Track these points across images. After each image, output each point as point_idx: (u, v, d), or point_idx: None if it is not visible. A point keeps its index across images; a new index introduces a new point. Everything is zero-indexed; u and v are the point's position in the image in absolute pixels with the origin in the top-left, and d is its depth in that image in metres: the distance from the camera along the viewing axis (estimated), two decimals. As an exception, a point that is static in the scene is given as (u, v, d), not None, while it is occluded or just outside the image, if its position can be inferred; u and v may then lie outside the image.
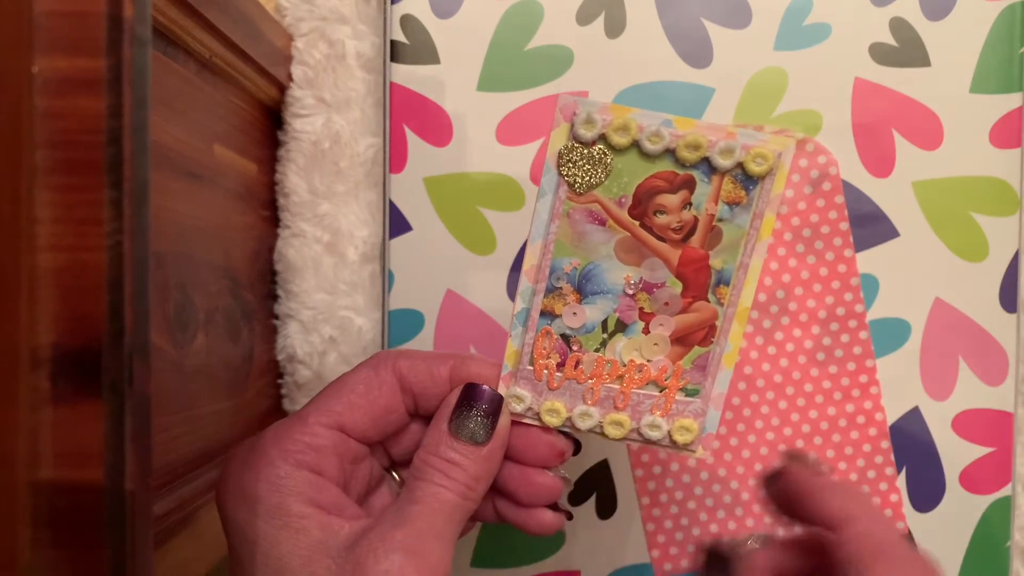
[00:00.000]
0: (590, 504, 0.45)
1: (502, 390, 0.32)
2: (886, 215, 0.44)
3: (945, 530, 0.44)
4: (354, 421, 0.31)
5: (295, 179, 0.46)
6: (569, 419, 0.32)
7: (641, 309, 0.31)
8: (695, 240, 0.30)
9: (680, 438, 0.32)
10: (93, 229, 0.23)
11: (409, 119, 0.44)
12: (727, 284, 0.31)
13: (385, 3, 0.44)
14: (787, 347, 0.44)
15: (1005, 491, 0.44)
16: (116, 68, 0.24)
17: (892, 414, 0.44)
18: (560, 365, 0.32)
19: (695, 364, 0.31)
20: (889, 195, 0.44)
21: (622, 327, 0.31)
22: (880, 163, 0.44)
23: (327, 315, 0.46)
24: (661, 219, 0.30)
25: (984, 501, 0.44)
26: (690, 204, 0.30)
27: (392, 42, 0.44)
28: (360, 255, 0.46)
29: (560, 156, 0.30)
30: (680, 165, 0.30)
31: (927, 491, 0.44)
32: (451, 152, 0.44)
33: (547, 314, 0.31)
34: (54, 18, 0.23)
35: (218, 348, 0.40)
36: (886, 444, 0.44)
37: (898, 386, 0.44)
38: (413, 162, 0.44)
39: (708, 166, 0.30)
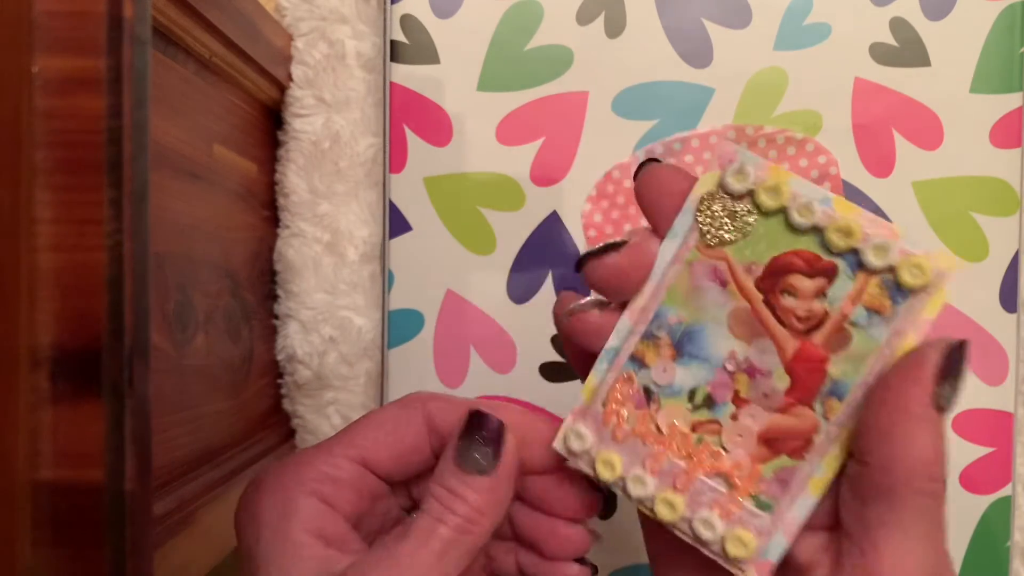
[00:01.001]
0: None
1: (567, 422, 0.30)
2: (886, 215, 0.44)
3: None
4: (378, 457, 0.30)
5: (295, 179, 0.46)
6: (622, 479, 0.29)
7: (736, 392, 0.28)
8: (818, 337, 0.27)
9: (732, 549, 0.27)
10: (93, 229, 0.23)
11: (409, 119, 0.44)
12: (840, 399, 0.26)
13: (385, 3, 0.44)
14: (787, 347, 0.44)
15: (1005, 491, 0.44)
16: (116, 68, 0.24)
17: (892, 414, 0.44)
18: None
19: (776, 475, 0.27)
20: (889, 195, 0.44)
21: (710, 403, 0.28)
22: (880, 163, 0.44)
23: (327, 315, 0.46)
24: (788, 301, 0.27)
25: (984, 501, 0.44)
26: (825, 295, 0.27)
27: (392, 42, 0.44)
28: (360, 255, 0.46)
29: (702, 200, 0.27)
30: (826, 250, 0.26)
31: (927, 491, 0.44)
32: (451, 152, 0.44)
33: (636, 360, 0.29)
34: (54, 18, 0.23)
35: (218, 348, 0.40)
36: (886, 444, 0.44)
37: (898, 386, 0.44)
38: (413, 162, 0.44)
39: (856, 259, 0.26)
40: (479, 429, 0.29)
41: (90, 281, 0.23)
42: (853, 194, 0.44)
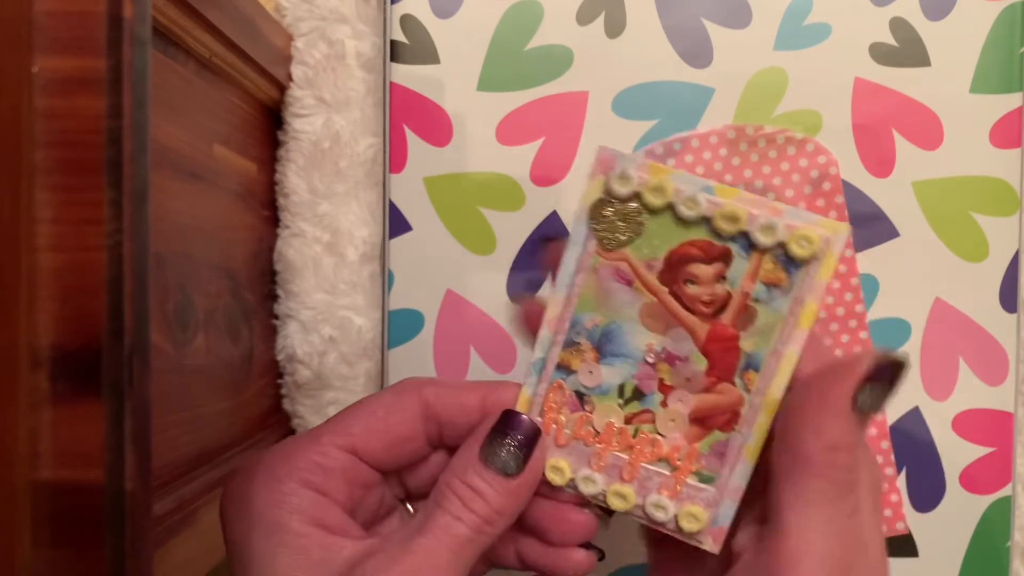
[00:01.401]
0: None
1: None
2: (886, 215, 0.44)
3: (945, 530, 0.44)
4: (369, 446, 0.30)
5: (295, 179, 0.46)
6: (572, 481, 0.30)
7: (661, 380, 0.29)
8: (726, 317, 0.28)
9: (686, 525, 0.29)
10: (93, 229, 0.23)
11: (409, 119, 0.44)
12: (756, 370, 0.28)
13: (385, 3, 0.44)
14: (787, 347, 0.44)
15: (1005, 491, 0.44)
16: (116, 68, 0.24)
17: (892, 414, 0.44)
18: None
19: (713, 449, 0.29)
20: (889, 195, 0.44)
21: (639, 395, 0.30)
22: (880, 163, 0.44)
23: (327, 315, 0.46)
24: (692, 289, 0.29)
25: (984, 501, 0.44)
26: (724, 278, 0.28)
27: (392, 42, 0.44)
28: (360, 255, 0.46)
29: (592, 209, 0.29)
30: (717, 236, 0.28)
31: (927, 491, 0.44)
32: (451, 152, 0.44)
33: (563, 368, 0.30)
34: (54, 18, 0.23)
35: (218, 348, 0.40)
36: (886, 444, 0.44)
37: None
38: (413, 162, 0.44)
39: (747, 240, 0.28)
40: (512, 429, 0.29)
41: (90, 281, 0.23)
42: (853, 194, 0.44)
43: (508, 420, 0.29)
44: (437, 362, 0.45)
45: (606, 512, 0.31)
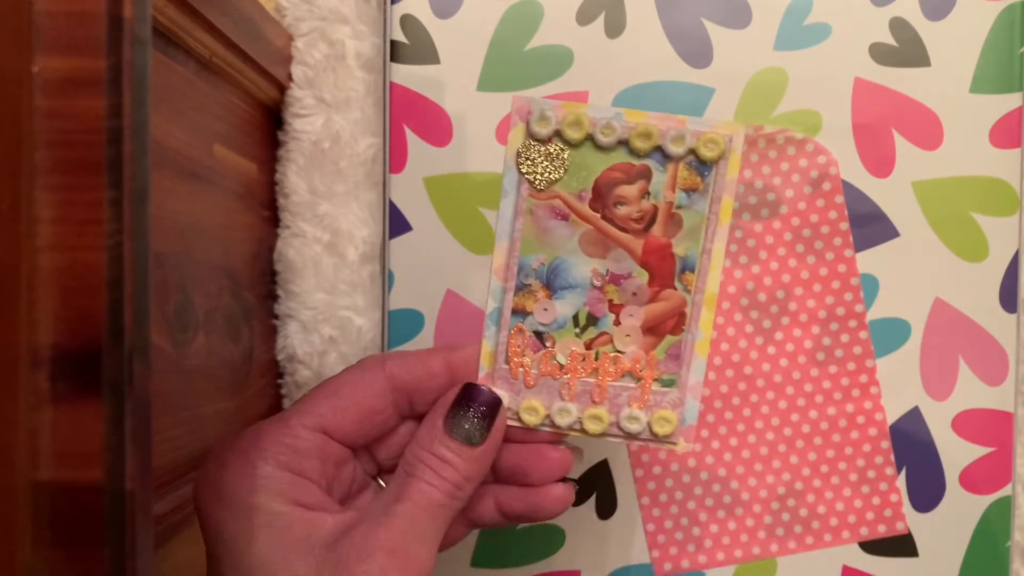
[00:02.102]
0: (590, 504, 0.45)
1: None
2: (886, 215, 0.44)
3: (945, 530, 0.44)
4: (338, 423, 0.31)
5: (295, 179, 0.46)
6: (548, 417, 0.32)
7: (611, 301, 0.32)
8: (656, 229, 0.31)
9: (660, 429, 0.31)
10: (93, 229, 0.23)
11: (409, 119, 0.44)
12: (692, 271, 0.31)
13: (385, 3, 0.44)
14: (787, 347, 0.44)
15: (1005, 491, 0.44)
16: (116, 68, 0.24)
17: (892, 414, 0.44)
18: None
19: (669, 353, 0.32)
20: (889, 195, 0.44)
21: (593, 320, 0.32)
22: (880, 163, 0.44)
23: (327, 315, 0.46)
24: (622, 210, 0.31)
25: (984, 501, 0.44)
26: (648, 194, 0.31)
27: (392, 42, 0.44)
28: (360, 255, 0.46)
29: (518, 154, 0.31)
30: (635, 155, 0.31)
31: (927, 491, 0.44)
32: (451, 152, 0.44)
33: (519, 312, 0.32)
34: (54, 18, 0.23)
35: (218, 348, 0.40)
36: (886, 444, 0.44)
37: (898, 386, 0.44)
38: (413, 162, 0.44)
39: (662, 155, 0.31)
40: (472, 401, 0.31)
41: (90, 281, 0.23)
42: (853, 194, 0.44)
43: (469, 392, 0.31)
44: (437, 362, 0.45)
45: (577, 449, 0.33)
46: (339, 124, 0.45)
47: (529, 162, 0.31)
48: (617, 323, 0.32)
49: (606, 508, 0.45)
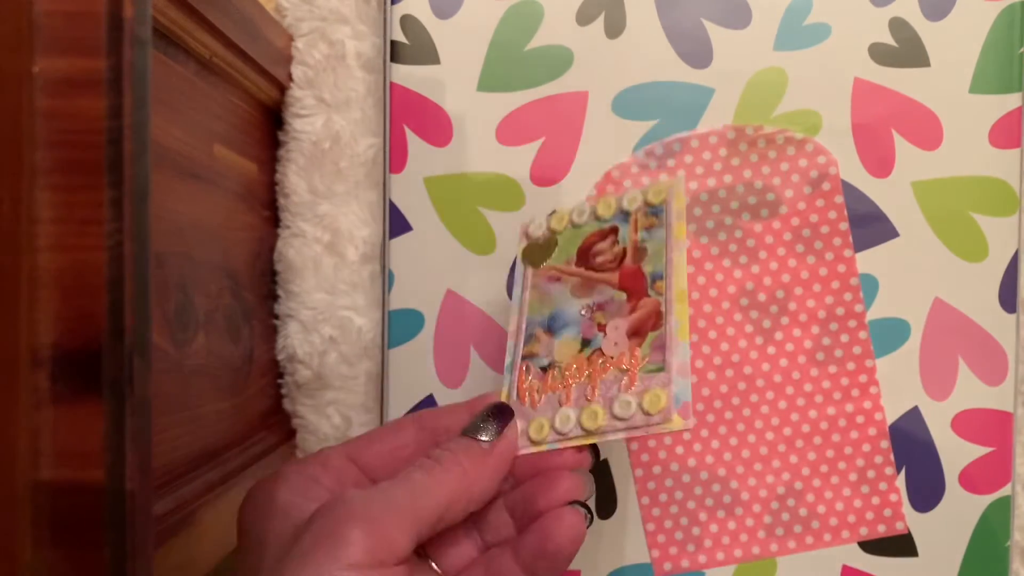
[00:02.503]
0: (590, 504, 0.45)
1: None
2: (885, 215, 0.44)
3: (945, 530, 0.44)
4: (362, 453, 0.33)
5: (295, 179, 0.46)
6: (552, 427, 0.33)
7: (599, 323, 0.36)
8: (628, 261, 0.37)
9: (651, 406, 0.32)
10: (93, 229, 0.23)
11: (409, 119, 0.44)
12: (661, 279, 0.35)
13: (385, 3, 0.44)
14: (787, 347, 0.44)
15: (1005, 491, 0.44)
16: (116, 68, 0.24)
17: (891, 414, 0.44)
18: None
19: (653, 346, 0.34)
20: (888, 195, 0.44)
21: (587, 343, 0.35)
22: (880, 163, 0.44)
23: (327, 315, 0.46)
24: (599, 259, 0.37)
25: (984, 501, 0.44)
26: (618, 242, 0.37)
27: (392, 42, 0.44)
28: (360, 255, 0.46)
29: (523, 253, 0.39)
30: (603, 221, 0.38)
31: (927, 491, 0.44)
32: (451, 152, 0.44)
33: (528, 356, 0.36)
34: (54, 18, 0.23)
35: (218, 348, 0.40)
36: (885, 444, 0.44)
37: (897, 386, 0.44)
38: (413, 162, 0.44)
39: (623, 214, 0.38)
40: (484, 405, 0.34)
41: (90, 281, 0.23)
42: (853, 194, 0.44)
43: (485, 402, 0.34)
44: (437, 362, 0.45)
45: (594, 454, 0.36)
46: (339, 124, 0.45)
47: (530, 255, 0.39)
48: (604, 334, 0.35)
49: (606, 508, 0.45)
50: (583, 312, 0.36)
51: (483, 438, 0.32)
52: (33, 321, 0.23)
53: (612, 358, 0.34)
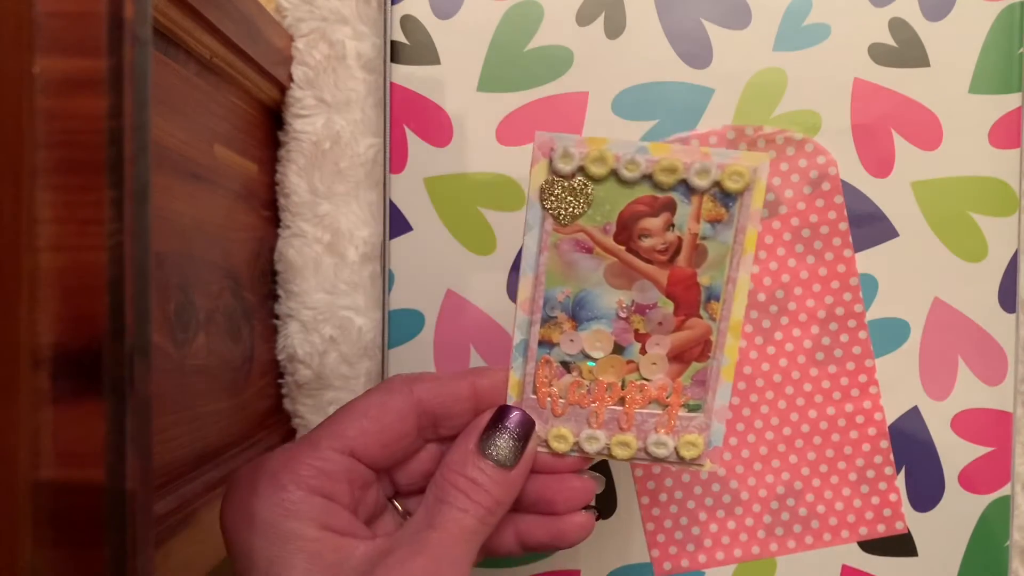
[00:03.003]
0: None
1: None
2: (885, 215, 0.44)
3: (944, 530, 0.44)
4: (365, 447, 0.31)
5: (295, 179, 0.46)
6: (577, 444, 0.32)
7: (636, 331, 0.32)
8: (682, 260, 0.31)
9: (687, 453, 0.32)
10: (94, 229, 0.23)
11: (409, 119, 0.44)
12: (717, 300, 0.31)
13: (385, 4, 0.44)
14: (786, 347, 0.44)
15: (1004, 491, 0.44)
16: (117, 68, 0.24)
17: (891, 414, 0.44)
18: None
19: (695, 380, 0.32)
20: (888, 195, 0.44)
21: (619, 350, 0.32)
22: (879, 163, 0.44)
23: (327, 315, 0.46)
24: (646, 242, 0.31)
25: (983, 501, 0.44)
26: (673, 226, 0.31)
27: (392, 43, 0.44)
28: (360, 255, 0.46)
29: (542, 191, 0.31)
30: (659, 189, 0.31)
31: (926, 491, 0.44)
32: (451, 152, 0.44)
33: (545, 343, 0.32)
34: (55, 18, 0.23)
35: (219, 348, 0.40)
36: (885, 444, 0.44)
37: (897, 386, 0.44)
38: (413, 162, 0.44)
39: (686, 187, 0.31)
40: (506, 422, 0.31)
41: (91, 281, 0.23)
42: (853, 194, 0.44)
43: (503, 414, 0.31)
44: (437, 362, 0.45)
45: (599, 477, 0.34)
46: (339, 124, 0.45)
47: (553, 198, 0.31)
48: (643, 352, 0.32)
49: (606, 508, 0.45)
50: (620, 312, 0.32)
51: (507, 464, 0.31)
52: (33, 321, 0.23)
53: (649, 382, 0.32)
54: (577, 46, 0.44)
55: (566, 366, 0.32)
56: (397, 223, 0.44)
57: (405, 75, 0.44)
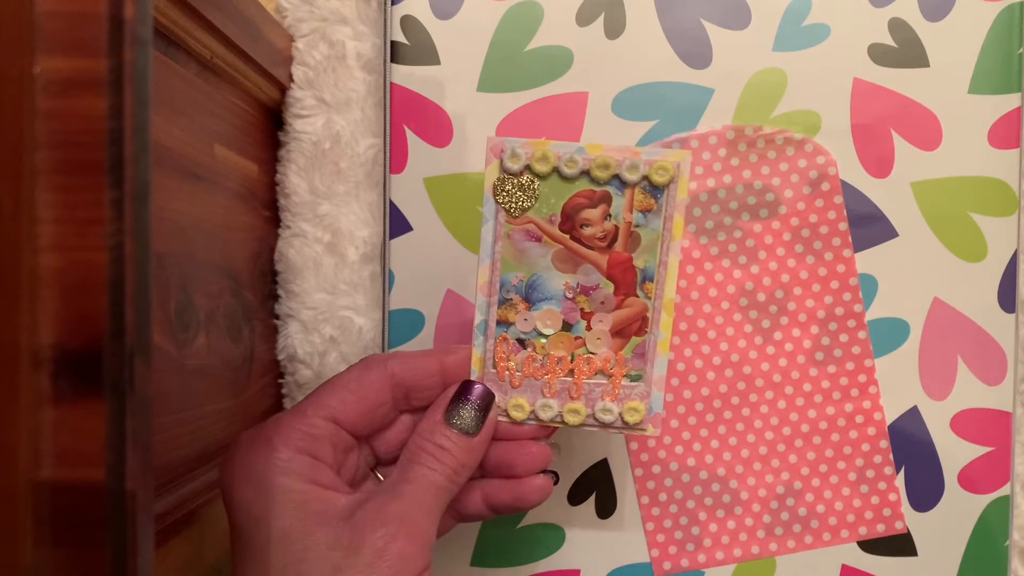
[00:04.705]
0: (590, 503, 0.45)
1: None
2: (885, 215, 0.44)
3: (944, 529, 0.44)
4: (346, 415, 0.34)
5: (296, 179, 0.46)
6: (533, 412, 0.36)
7: (582, 309, 0.36)
8: (618, 245, 0.35)
9: (631, 419, 0.36)
10: (94, 229, 0.23)
11: (409, 120, 0.44)
12: (651, 280, 0.36)
13: (385, 4, 0.44)
14: (786, 347, 0.44)
15: (1003, 490, 0.44)
16: (117, 69, 0.24)
17: (891, 414, 0.44)
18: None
19: (635, 352, 0.36)
20: (888, 195, 0.44)
21: (568, 327, 0.36)
22: (879, 163, 0.44)
23: (328, 315, 0.46)
24: (587, 231, 0.35)
25: (983, 500, 0.44)
26: (609, 215, 0.35)
27: (392, 43, 0.44)
28: (360, 255, 0.46)
29: (495, 187, 0.35)
30: (596, 183, 0.35)
31: (926, 490, 0.45)
32: (451, 152, 0.44)
33: (502, 323, 0.36)
34: (55, 19, 0.23)
35: (219, 348, 0.40)
36: (885, 444, 0.44)
37: (897, 386, 0.44)
38: (413, 162, 0.44)
39: (620, 182, 0.35)
40: (469, 395, 0.35)
41: (91, 281, 0.23)
42: (852, 194, 0.44)
43: (466, 388, 0.36)
44: (437, 362, 0.45)
45: (555, 445, 0.38)
46: (339, 125, 0.45)
47: (504, 193, 0.35)
48: (589, 328, 0.36)
49: (606, 508, 0.45)
50: (567, 293, 0.36)
51: (470, 432, 0.35)
52: (34, 321, 0.23)
53: (595, 355, 0.36)
54: (577, 46, 0.44)
55: (521, 343, 0.36)
56: (397, 223, 0.44)
57: (405, 75, 0.44)
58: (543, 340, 0.36)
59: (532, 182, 0.35)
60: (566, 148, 0.34)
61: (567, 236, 0.35)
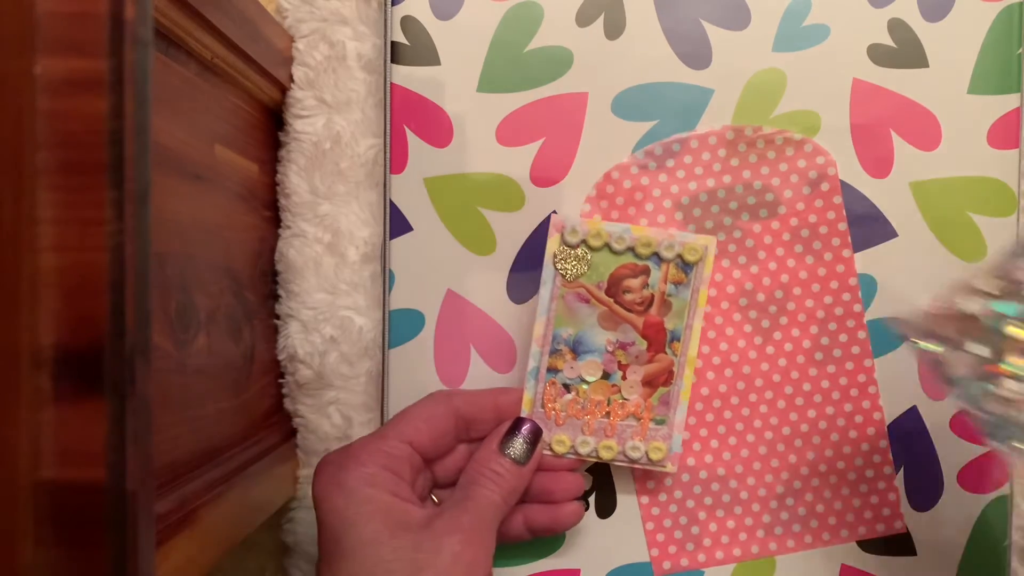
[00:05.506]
0: (590, 503, 0.45)
1: None
2: (884, 215, 0.44)
3: (943, 529, 0.44)
4: (419, 440, 0.40)
5: (296, 180, 0.46)
6: (573, 447, 0.43)
7: (619, 362, 0.43)
8: (653, 310, 0.42)
9: (654, 456, 0.43)
10: (95, 230, 0.24)
11: (409, 120, 0.44)
12: (678, 340, 0.42)
13: (385, 4, 0.44)
14: (785, 347, 0.44)
15: (1003, 490, 0.44)
16: (118, 69, 0.24)
17: (890, 413, 0.44)
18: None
19: (661, 400, 0.43)
20: (887, 195, 0.44)
21: (607, 376, 0.43)
22: (878, 164, 0.44)
23: (328, 315, 0.46)
24: (628, 297, 0.42)
25: (982, 500, 0.44)
26: (648, 285, 0.42)
27: (393, 43, 0.44)
28: (361, 255, 0.46)
29: (555, 256, 0.42)
30: (639, 258, 0.42)
31: (925, 490, 0.45)
32: (451, 153, 0.44)
33: (552, 369, 0.43)
34: (56, 19, 0.24)
35: (219, 348, 0.40)
36: (884, 443, 0.44)
37: (896, 386, 0.44)
38: (413, 163, 0.44)
39: (657, 258, 0.42)
40: (521, 429, 0.41)
41: (92, 281, 0.24)
42: (852, 194, 0.44)
43: (519, 424, 0.41)
44: (437, 362, 0.45)
45: (586, 475, 0.45)
46: (340, 125, 0.45)
47: (562, 261, 0.42)
48: (624, 378, 0.43)
49: (606, 507, 0.45)
50: (608, 347, 0.42)
51: (521, 461, 0.41)
52: (35, 321, 0.23)
53: (627, 400, 0.43)
54: (577, 47, 0.44)
55: (567, 387, 0.43)
56: (397, 223, 0.44)
57: (405, 76, 0.44)
58: (585, 386, 0.43)
59: (586, 254, 0.42)
60: (616, 228, 0.42)
61: (611, 300, 0.42)
